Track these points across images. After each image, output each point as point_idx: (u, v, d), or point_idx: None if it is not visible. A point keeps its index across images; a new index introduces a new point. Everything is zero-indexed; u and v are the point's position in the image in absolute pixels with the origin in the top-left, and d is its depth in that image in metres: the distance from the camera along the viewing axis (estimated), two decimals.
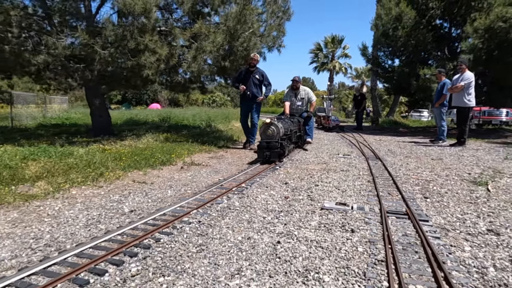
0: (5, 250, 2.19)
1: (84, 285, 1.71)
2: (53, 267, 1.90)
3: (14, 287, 1.69)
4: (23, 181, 4.04)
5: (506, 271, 1.89)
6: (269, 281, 1.76)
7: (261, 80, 7.05)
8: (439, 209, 3.05)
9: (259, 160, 5.49)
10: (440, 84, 8.21)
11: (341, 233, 2.44)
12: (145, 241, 2.25)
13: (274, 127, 5.46)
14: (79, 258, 2.01)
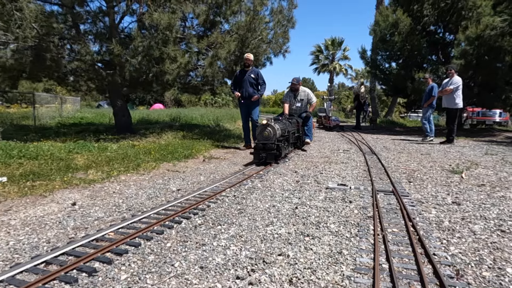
0: (99, 212, 3.03)
1: (175, 226, 2.55)
2: (144, 219, 2.74)
3: (125, 228, 2.53)
4: (76, 170, 4.88)
5: (456, 223, 2.73)
6: (292, 228, 2.60)
7: (256, 79, 7.10)
8: (418, 189, 3.90)
9: (255, 161, 5.52)
10: (428, 88, 9.07)
11: (342, 203, 3.28)
12: (200, 206, 3.10)
13: (271, 128, 5.45)
14: (159, 215, 2.85)
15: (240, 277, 1.84)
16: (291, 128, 6.57)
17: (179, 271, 1.91)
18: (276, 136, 5.46)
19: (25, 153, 5.44)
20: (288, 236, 2.43)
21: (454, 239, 2.41)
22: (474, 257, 2.11)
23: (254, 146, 5.63)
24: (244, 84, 7.05)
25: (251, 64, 7.16)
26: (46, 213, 3.02)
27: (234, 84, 7.34)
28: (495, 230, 2.57)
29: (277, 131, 5.48)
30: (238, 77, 7.20)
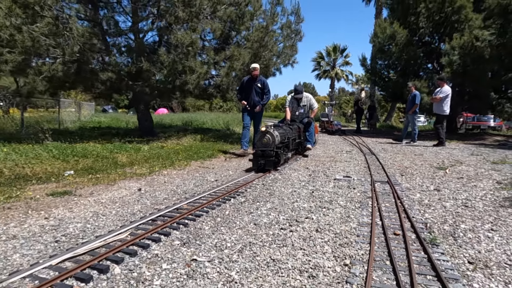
0: (163, 195, 3.98)
1: (226, 202, 3.51)
2: (202, 198, 3.69)
3: (192, 203, 3.48)
4: (123, 166, 5.83)
5: (433, 202, 3.68)
6: (312, 203, 3.55)
7: (262, 88, 7.27)
8: (408, 180, 4.85)
9: (253, 168, 5.53)
10: (411, 95, 10.16)
11: (347, 189, 4.24)
12: (240, 190, 4.05)
13: (270, 136, 5.47)
14: (211, 196, 3.80)
15: (283, 228, 2.79)
16: (292, 135, 6.60)
17: (241, 225, 2.87)
18: (275, 143, 5.47)
19: (76, 152, 6.41)
20: (310, 208, 3.39)
21: (429, 210, 3.36)
22: (440, 219, 3.06)
23: (253, 152, 5.65)
24: (250, 93, 7.22)
25: (258, 75, 7.29)
26: (122, 195, 3.97)
27: (240, 92, 7.51)
28: (461, 206, 3.53)
29: (276, 138, 5.49)
30: (245, 85, 7.35)
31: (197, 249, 2.37)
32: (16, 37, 6.36)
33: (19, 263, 2.15)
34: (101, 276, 1.98)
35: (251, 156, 5.75)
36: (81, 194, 3.97)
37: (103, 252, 2.20)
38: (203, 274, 2.01)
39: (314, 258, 2.23)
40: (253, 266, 2.12)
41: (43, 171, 4.99)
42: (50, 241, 2.53)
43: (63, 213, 3.21)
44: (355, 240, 2.53)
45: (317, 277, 1.98)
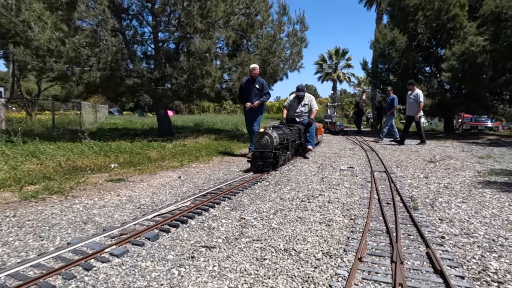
0: (200, 181, 4.88)
1: (253, 185, 4.41)
2: (235, 182, 4.59)
3: (228, 185, 4.38)
4: (155, 160, 6.74)
5: (421, 184, 4.57)
6: (323, 186, 4.44)
7: (261, 90, 7.20)
8: (403, 170, 5.74)
9: (251, 169, 5.55)
10: (390, 98, 11.09)
11: (351, 176, 5.13)
12: (263, 177, 4.95)
13: (268, 137, 5.49)
14: (241, 181, 4.70)
15: (303, 201, 3.69)
16: (291, 136, 6.58)
17: (270, 199, 3.77)
18: (274, 144, 5.48)
19: (112, 149, 7.33)
20: (321, 189, 4.28)
21: (416, 190, 4.25)
22: (424, 195, 3.95)
23: (251, 154, 5.63)
24: (249, 94, 7.17)
25: (257, 75, 7.23)
26: (167, 181, 4.88)
27: (240, 93, 7.53)
28: (442, 187, 4.41)
29: (274, 139, 5.50)
30: (244, 87, 7.33)
31: (242, 212, 3.27)
32: (61, 48, 7.29)
33: (120, 220, 3.05)
34: (184, 225, 2.88)
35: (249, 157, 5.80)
36: (134, 181, 4.88)
37: (179, 212, 3.11)
38: (251, 225, 2.91)
39: (328, 216, 3.13)
40: (285, 221, 3.02)
41: (92, 164, 5.91)
42: (132, 208, 3.43)
43: (128, 193, 4.12)
44: (358, 207, 3.43)
45: (332, 225, 2.87)
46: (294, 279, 1.96)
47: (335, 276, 1.98)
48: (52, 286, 1.84)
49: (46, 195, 3.91)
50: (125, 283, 1.91)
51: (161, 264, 2.15)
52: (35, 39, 7.11)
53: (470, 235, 2.70)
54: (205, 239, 2.60)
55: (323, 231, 2.75)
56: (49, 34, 7.20)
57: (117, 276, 1.99)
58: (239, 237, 2.63)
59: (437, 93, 14.45)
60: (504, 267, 2.13)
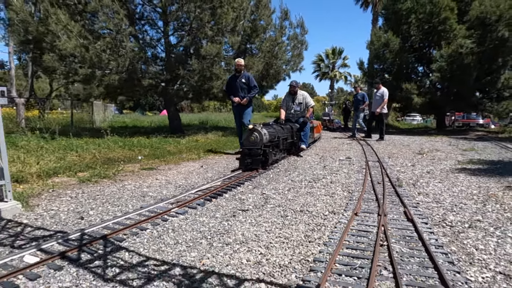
0: (220, 169, 5.73)
1: (267, 172, 5.26)
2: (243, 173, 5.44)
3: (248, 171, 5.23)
4: (174, 154, 7.56)
5: (407, 170, 5.44)
6: (325, 171, 5.31)
7: (247, 83, 7.03)
8: (393, 160, 6.61)
9: (240, 167, 5.41)
10: (360, 95, 11.88)
11: (349, 165, 6.00)
12: (274, 165, 5.81)
13: (257, 134, 5.37)
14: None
15: (310, 181, 4.55)
16: (283, 134, 6.48)
17: (283, 181, 4.62)
18: (263, 142, 5.34)
19: (134, 144, 8.14)
20: (324, 174, 5.15)
21: (403, 174, 5.13)
22: (408, 178, 4.82)
23: (240, 151, 5.57)
24: (236, 89, 7.05)
25: (243, 69, 7.11)
26: (192, 169, 5.72)
27: (227, 89, 7.40)
28: (425, 172, 5.29)
29: (264, 136, 5.37)
30: (230, 83, 7.25)
31: (263, 189, 4.13)
32: (85, 55, 8.10)
33: (169, 195, 3.89)
34: (220, 197, 3.74)
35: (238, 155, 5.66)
36: (163, 169, 5.72)
37: (214, 189, 3.96)
38: (272, 197, 3.77)
39: (331, 191, 4.00)
40: (298, 194, 3.88)
41: (122, 156, 6.74)
42: (174, 187, 4.28)
43: (164, 178, 4.96)
44: (354, 185, 4.31)
45: (334, 197, 3.74)
46: (310, 225, 2.82)
47: (339, 223, 2.85)
48: (146, 228, 2.69)
49: (98, 179, 4.75)
50: (194, 228, 2.76)
51: (213, 219, 3.00)
52: (63, 48, 7.90)
53: (439, 202, 3.57)
54: (239, 205, 3.45)
55: (328, 200, 3.61)
56: (74, 42, 7.99)
57: (186, 224, 2.84)
58: (265, 204, 3.48)
59: (428, 92, 15.34)
60: (457, 219, 3.00)
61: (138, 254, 2.25)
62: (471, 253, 2.26)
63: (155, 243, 2.44)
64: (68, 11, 8.46)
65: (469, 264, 2.11)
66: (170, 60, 10.66)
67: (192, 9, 9.10)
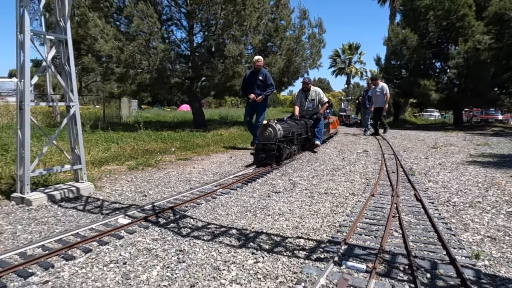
0: (248, 160, 6.34)
1: (291, 162, 5.85)
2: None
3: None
4: (202, 147, 8.21)
5: (420, 162, 5.92)
6: (344, 162, 5.85)
7: (264, 81, 7.12)
8: (408, 154, 7.08)
9: (254, 162, 5.52)
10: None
11: (366, 157, 6.51)
12: (296, 157, 6.38)
13: (272, 129, 5.43)
14: None
15: (331, 171, 5.11)
16: (297, 129, 6.52)
17: (307, 170, 5.20)
18: (277, 137, 5.40)
19: (166, 137, 8.85)
20: (343, 164, 5.69)
21: (416, 165, 5.62)
22: (421, 168, 5.31)
23: (254, 146, 5.65)
24: (252, 86, 7.13)
25: (261, 66, 7.21)
26: (223, 159, 6.35)
27: (244, 86, 7.51)
28: (437, 164, 5.76)
29: (278, 131, 5.43)
30: (247, 79, 7.37)
31: (289, 177, 4.72)
32: (121, 56, 8.83)
33: (209, 180, 4.53)
34: (254, 182, 4.35)
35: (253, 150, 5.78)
36: (197, 160, 6.37)
37: (247, 176, 4.58)
38: (299, 183, 4.35)
39: (350, 178, 4.55)
40: (321, 181, 4.45)
41: (157, 148, 7.44)
42: (212, 174, 4.92)
43: (201, 166, 5.61)
44: (371, 174, 4.84)
45: (353, 183, 4.30)
46: (334, 203, 3.40)
47: (358, 201, 3.42)
48: (200, 203, 3.34)
49: (143, 167, 5.44)
50: (238, 204, 3.38)
51: (252, 198, 3.62)
52: (101, 50, 8.65)
53: (446, 188, 4.08)
54: (271, 189, 4.05)
55: (348, 185, 4.18)
56: (111, 44, 8.73)
57: (231, 201, 3.47)
58: (293, 188, 4.07)
59: (445, 88, 15.51)
60: (460, 200, 3.51)
61: (200, 220, 2.89)
62: (467, 224, 2.79)
63: (211, 213, 3.08)
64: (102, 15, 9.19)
65: (464, 231, 2.64)
66: (194, 59, 11.31)
67: (218, 11, 9.69)
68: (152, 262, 2.08)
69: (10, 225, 2.75)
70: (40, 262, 2.02)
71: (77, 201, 3.47)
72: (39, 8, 3.44)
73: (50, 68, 3.58)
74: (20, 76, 3.34)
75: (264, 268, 2.00)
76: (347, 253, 2.18)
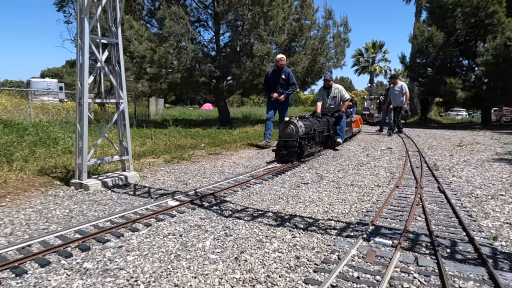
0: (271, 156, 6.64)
1: (317, 157, 6.10)
2: None
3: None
4: (230, 142, 8.57)
5: (445, 158, 6.03)
6: (369, 158, 6.05)
7: (287, 80, 7.16)
8: (433, 151, 7.16)
9: (275, 159, 5.60)
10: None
11: (390, 154, 6.67)
12: (322, 153, 6.63)
13: (293, 126, 5.46)
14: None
15: (356, 166, 5.34)
16: (319, 127, 6.51)
17: (333, 165, 5.45)
18: (299, 134, 5.43)
19: (194, 134, 9.29)
20: (368, 160, 5.89)
21: (440, 161, 5.75)
22: (445, 165, 5.44)
23: (276, 143, 5.76)
24: (275, 85, 7.17)
25: (284, 65, 7.27)
26: (251, 155, 6.68)
27: (266, 84, 7.54)
28: (461, 161, 5.86)
29: (299, 128, 5.45)
30: (270, 77, 7.39)
31: (316, 170, 4.98)
32: (154, 57, 9.34)
33: (241, 172, 4.86)
34: (283, 174, 4.66)
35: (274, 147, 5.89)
36: (226, 154, 6.74)
37: (276, 169, 4.88)
38: (325, 176, 4.61)
39: (375, 172, 4.77)
40: (347, 174, 4.69)
41: (188, 143, 7.87)
42: (243, 167, 5.25)
43: (231, 160, 5.96)
44: (395, 169, 5.04)
45: (378, 176, 4.52)
46: (360, 193, 3.66)
47: (383, 192, 3.65)
48: (237, 191, 3.68)
49: (178, 160, 5.85)
50: (271, 192, 3.70)
51: (283, 188, 3.92)
52: (135, 51, 9.18)
53: (470, 182, 4.23)
54: (300, 180, 4.34)
55: (373, 178, 4.41)
56: (144, 45, 9.25)
57: (264, 190, 3.79)
58: (321, 180, 4.35)
59: (473, 86, 15.23)
60: (483, 193, 3.68)
61: (239, 205, 3.22)
62: (488, 213, 2.98)
63: (247, 199, 3.41)
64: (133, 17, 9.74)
65: (484, 218, 2.84)
66: (220, 59, 11.72)
67: (245, 11, 10.04)
68: (203, 235, 2.43)
69: (76, 205, 3.19)
70: (112, 232, 2.41)
71: (126, 188, 3.89)
72: (96, 16, 3.86)
73: (104, 68, 4.02)
74: (80, 76, 3.79)
75: (302, 241, 2.30)
76: (375, 232, 2.45)
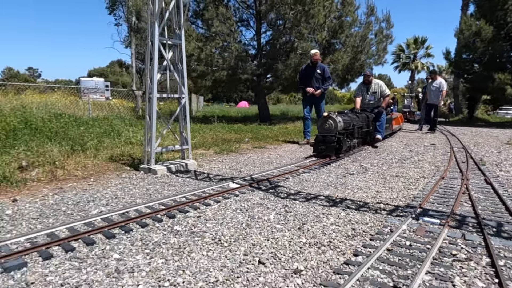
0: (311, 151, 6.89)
1: (359, 152, 6.28)
2: None
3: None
4: (271, 137, 8.90)
5: (492, 155, 5.97)
6: (412, 153, 6.13)
7: (322, 74, 7.11)
8: (479, 148, 7.06)
9: (313, 153, 5.66)
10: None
11: (434, 150, 6.68)
12: (364, 148, 6.79)
13: (332, 121, 5.45)
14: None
15: (399, 160, 5.47)
16: (358, 123, 6.45)
17: (376, 158, 5.62)
18: (337, 129, 5.41)
19: (237, 129, 9.74)
20: (411, 155, 5.98)
21: (487, 157, 5.72)
22: (493, 161, 5.42)
23: (314, 138, 5.78)
24: (310, 80, 7.13)
25: (319, 60, 7.23)
26: (294, 149, 6.98)
27: (301, 80, 7.48)
28: (510, 157, 5.78)
29: (338, 124, 5.43)
30: (304, 73, 7.36)
31: (360, 163, 5.20)
32: (201, 55, 9.89)
33: (287, 163, 5.19)
34: (329, 166, 4.93)
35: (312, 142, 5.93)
36: (270, 148, 7.09)
37: (321, 160, 5.15)
38: (369, 168, 4.82)
39: (419, 165, 4.90)
40: (391, 167, 4.86)
41: (233, 137, 8.31)
42: (289, 159, 5.57)
43: (276, 153, 6.30)
44: (440, 162, 5.13)
45: (423, 169, 4.66)
46: (406, 183, 3.85)
47: (429, 182, 3.82)
48: (288, 177, 4.01)
49: (227, 152, 6.29)
50: (319, 180, 3.99)
51: (330, 177, 4.20)
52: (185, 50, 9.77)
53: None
54: (345, 171, 4.59)
55: (418, 170, 4.56)
56: (193, 44, 9.82)
57: (313, 178, 4.09)
58: (365, 172, 4.57)
59: None
60: None
61: (292, 189, 3.56)
62: None
63: (299, 185, 3.73)
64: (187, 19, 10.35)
65: None
66: (261, 57, 12.09)
67: (287, 10, 10.32)
68: (266, 211, 2.79)
69: (150, 185, 3.68)
70: (189, 205, 2.85)
71: (188, 173, 4.36)
72: (164, 20, 4.35)
73: (170, 67, 4.51)
74: (150, 73, 4.30)
75: (355, 218, 2.60)
76: (423, 213, 2.68)
